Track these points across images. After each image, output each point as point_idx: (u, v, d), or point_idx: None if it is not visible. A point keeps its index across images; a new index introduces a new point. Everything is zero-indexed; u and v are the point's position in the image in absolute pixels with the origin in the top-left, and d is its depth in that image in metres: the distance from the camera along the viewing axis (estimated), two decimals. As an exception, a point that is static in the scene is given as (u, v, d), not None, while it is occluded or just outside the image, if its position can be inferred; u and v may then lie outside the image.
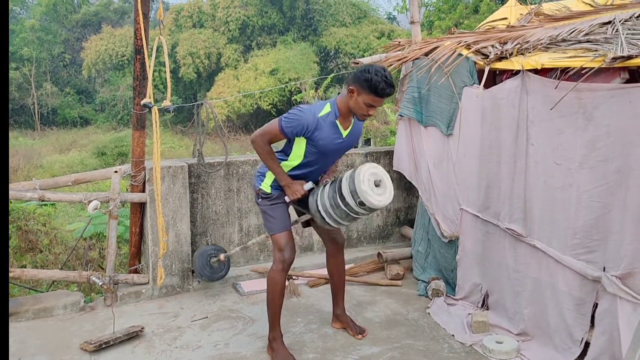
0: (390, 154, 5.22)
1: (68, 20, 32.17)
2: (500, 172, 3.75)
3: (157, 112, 3.90)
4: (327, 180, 3.39)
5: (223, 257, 4.31)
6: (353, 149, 5.57)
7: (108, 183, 4.57)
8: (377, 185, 3.11)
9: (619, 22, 3.34)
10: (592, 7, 4.18)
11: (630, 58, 2.91)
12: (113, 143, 17.50)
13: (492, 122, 3.80)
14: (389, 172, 5.38)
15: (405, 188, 5.51)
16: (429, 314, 4.02)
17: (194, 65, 26.02)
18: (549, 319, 3.41)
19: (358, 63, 4.82)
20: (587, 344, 3.20)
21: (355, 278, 4.68)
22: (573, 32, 3.51)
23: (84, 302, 4.17)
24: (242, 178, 4.84)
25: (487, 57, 3.83)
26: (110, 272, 4.18)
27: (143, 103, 4.01)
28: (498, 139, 3.75)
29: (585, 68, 3.06)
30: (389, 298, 4.35)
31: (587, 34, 3.41)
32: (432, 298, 4.24)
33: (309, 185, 3.32)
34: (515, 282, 3.68)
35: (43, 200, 4.10)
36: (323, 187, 3.26)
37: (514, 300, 3.70)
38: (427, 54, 4.31)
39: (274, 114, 22.61)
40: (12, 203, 5.95)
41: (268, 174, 3.39)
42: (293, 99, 18.61)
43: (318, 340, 3.65)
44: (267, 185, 3.39)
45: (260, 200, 3.43)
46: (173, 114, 25.54)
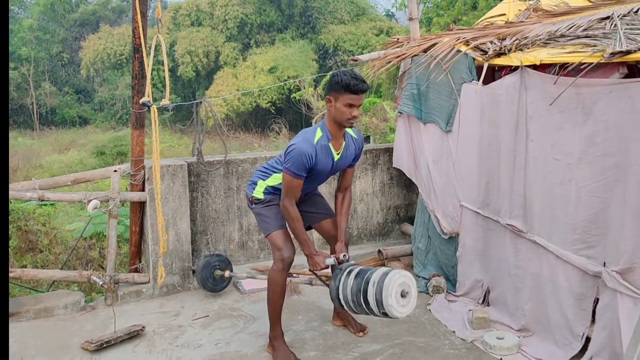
0: (390, 151, 5.22)
1: (66, 20, 32.14)
2: (500, 168, 3.75)
3: (156, 110, 3.89)
4: (345, 256, 3.32)
5: (228, 274, 4.31)
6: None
7: (107, 182, 4.57)
8: (403, 297, 3.01)
9: (618, 17, 3.33)
10: (590, 2, 4.19)
11: (629, 53, 2.91)
12: (112, 142, 17.47)
13: (491, 118, 3.80)
14: (389, 169, 5.41)
15: (405, 185, 5.51)
16: (430, 311, 4.02)
17: (193, 64, 26.01)
18: (550, 315, 3.41)
19: (357, 60, 4.82)
20: (587, 339, 3.21)
21: (356, 275, 4.68)
22: (571, 27, 3.50)
23: (85, 301, 4.17)
24: (241, 176, 4.84)
25: (485, 53, 3.82)
26: (111, 271, 4.18)
27: (142, 102, 4.01)
28: (497, 135, 3.75)
29: (584, 63, 3.06)
30: (390, 295, 4.34)
31: (585, 30, 3.41)
32: (432, 295, 4.24)
33: (331, 261, 3.29)
34: (516, 278, 3.68)
35: (43, 200, 4.09)
36: (347, 275, 3.15)
37: (515, 296, 3.70)
38: (425, 51, 4.31)
39: (273, 112, 22.63)
40: (11, 203, 5.94)
41: (260, 183, 3.44)
42: (292, 97, 18.59)
43: (319, 338, 3.65)
44: (259, 193, 3.43)
45: (254, 205, 3.47)
46: (172, 113, 25.51)
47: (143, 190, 4.34)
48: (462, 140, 4.11)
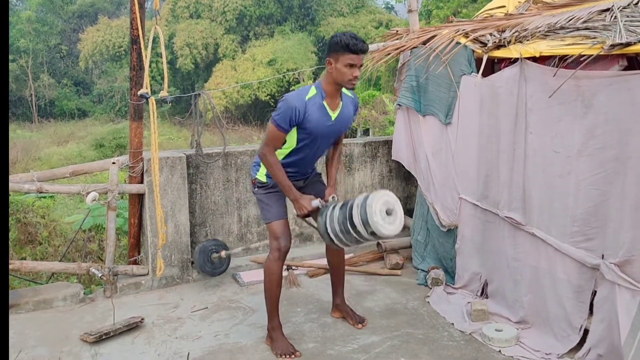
0: (389, 144, 5.21)
1: (64, 12, 32.04)
2: (499, 160, 3.75)
3: (154, 102, 3.88)
4: (334, 197, 3.35)
5: (224, 254, 4.32)
6: (352, 139, 5.57)
7: (106, 175, 4.56)
8: (388, 214, 3.04)
9: (618, 9, 3.32)
10: (590, -6, 4.16)
11: (629, 45, 2.90)
12: (111, 134, 17.46)
13: (490, 110, 3.80)
14: (388, 162, 5.41)
15: (404, 177, 5.51)
16: (429, 303, 4.03)
17: (192, 56, 25.94)
18: (548, 307, 3.42)
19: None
20: (586, 331, 3.22)
21: (355, 268, 4.69)
22: (571, 19, 3.49)
23: (84, 293, 4.17)
24: (240, 168, 4.83)
25: (485, 45, 3.81)
26: (110, 263, 4.19)
27: (140, 94, 4.00)
28: (497, 128, 3.75)
29: (584, 55, 3.05)
30: (389, 287, 4.36)
31: (585, 22, 3.40)
32: (431, 287, 4.25)
33: (317, 203, 3.28)
34: (515, 270, 3.69)
35: (41, 192, 4.09)
36: (332, 208, 3.19)
37: (514, 289, 3.71)
38: (425, 43, 4.29)
39: (272, 105, 22.58)
40: (10, 195, 5.94)
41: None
42: (291, 89, 18.56)
43: (318, 330, 3.66)
44: (262, 175, 3.40)
45: (257, 190, 3.45)
46: (171, 105, 25.52)
47: (142, 183, 4.33)
48: (461, 133, 4.10)
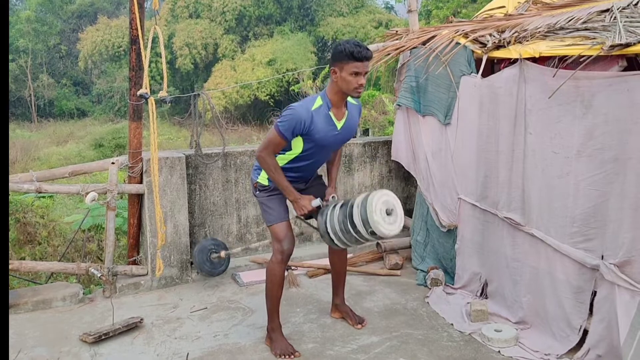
0: (389, 144, 5.21)
1: (64, 11, 32.00)
2: (498, 161, 3.75)
3: (153, 102, 3.88)
4: (334, 197, 3.35)
5: (224, 254, 4.32)
6: (352, 139, 5.56)
7: (105, 175, 4.56)
8: (388, 214, 3.05)
9: (617, 9, 3.32)
10: (590, -6, 4.16)
11: (628, 46, 2.90)
12: (110, 135, 17.44)
13: (490, 111, 3.80)
14: (387, 162, 5.41)
15: (404, 178, 5.51)
16: (428, 303, 4.03)
17: (191, 56, 25.90)
18: (548, 307, 3.42)
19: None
20: (585, 332, 3.22)
21: (354, 268, 4.69)
22: (571, 20, 3.49)
23: (83, 293, 4.17)
24: (239, 169, 4.83)
25: (484, 45, 3.82)
26: (109, 263, 4.18)
27: (139, 94, 3.99)
28: (496, 128, 3.75)
29: (583, 56, 3.05)
30: (388, 288, 4.35)
31: (585, 22, 3.40)
32: (431, 287, 4.25)
33: (317, 202, 3.29)
34: (514, 270, 3.69)
35: (40, 192, 4.09)
36: (332, 208, 3.20)
37: (513, 289, 3.71)
38: (424, 43, 4.29)
39: (272, 105, 22.57)
40: (10, 195, 5.94)
41: None
42: (291, 90, 18.55)
43: (317, 330, 3.66)
44: (264, 178, 3.39)
45: (258, 193, 3.44)
46: (170, 105, 25.50)
47: (141, 183, 4.33)
48: (460, 133, 4.10)
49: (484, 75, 3.79)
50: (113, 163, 4.22)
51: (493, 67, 3.99)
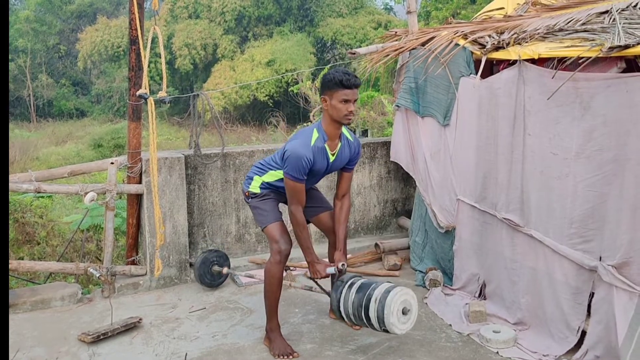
0: (387, 145, 5.21)
1: (63, 11, 31.98)
2: (497, 162, 3.75)
3: (152, 103, 3.88)
4: (344, 265, 3.33)
5: (226, 271, 4.31)
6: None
7: (104, 175, 4.56)
8: (404, 314, 3.06)
9: (616, 11, 3.33)
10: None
11: (627, 47, 2.91)
12: (109, 135, 17.44)
13: (489, 112, 3.80)
14: (386, 163, 5.41)
15: (403, 179, 5.51)
16: (427, 304, 4.03)
17: (190, 57, 25.90)
18: (546, 308, 3.43)
19: (355, 53, 4.80)
20: (583, 333, 3.22)
21: (353, 268, 4.69)
22: (570, 21, 3.50)
23: (82, 293, 4.17)
24: (238, 169, 4.83)
25: (484, 47, 3.82)
26: (108, 263, 4.18)
27: (139, 94, 3.99)
28: (495, 129, 3.75)
29: (582, 58, 3.05)
30: (387, 288, 4.35)
31: (584, 24, 3.41)
32: (429, 288, 4.25)
33: (331, 270, 3.33)
34: (513, 271, 3.69)
35: (39, 192, 4.08)
36: (348, 287, 3.19)
37: (511, 290, 3.71)
38: (424, 44, 4.29)
39: (271, 106, 22.59)
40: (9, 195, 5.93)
41: (256, 178, 3.47)
42: (290, 90, 18.54)
43: (316, 331, 3.66)
44: (256, 187, 3.46)
45: (250, 200, 3.50)
46: (169, 106, 25.51)
47: (140, 183, 4.33)
48: (459, 134, 4.11)
49: (483, 77, 3.79)
50: (112, 163, 4.23)
51: (492, 68, 3.99)
